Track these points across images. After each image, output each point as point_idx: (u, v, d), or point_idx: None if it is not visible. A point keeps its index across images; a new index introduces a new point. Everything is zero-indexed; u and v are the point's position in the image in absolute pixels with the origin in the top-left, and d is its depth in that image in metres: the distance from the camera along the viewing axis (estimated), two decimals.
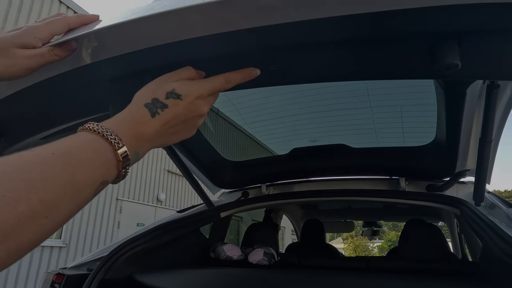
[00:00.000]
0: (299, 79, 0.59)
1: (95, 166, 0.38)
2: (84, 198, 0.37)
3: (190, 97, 0.49)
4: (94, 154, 0.38)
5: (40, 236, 0.33)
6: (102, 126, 0.41)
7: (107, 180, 0.40)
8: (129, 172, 0.45)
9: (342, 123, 1.60)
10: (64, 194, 0.34)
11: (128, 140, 0.42)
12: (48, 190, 0.33)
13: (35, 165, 0.33)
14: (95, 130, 0.40)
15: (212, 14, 0.43)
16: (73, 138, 0.39)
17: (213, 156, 1.70)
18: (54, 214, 0.33)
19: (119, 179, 0.43)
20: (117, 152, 0.40)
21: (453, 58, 0.43)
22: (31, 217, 0.31)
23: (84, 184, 0.37)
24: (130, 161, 0.43)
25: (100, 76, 0.59)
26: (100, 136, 0.40)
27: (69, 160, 0.36)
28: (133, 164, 0.45)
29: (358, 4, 0.39)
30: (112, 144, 0.40)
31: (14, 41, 0.50)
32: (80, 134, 0.40)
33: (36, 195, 0.32)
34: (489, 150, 1.06)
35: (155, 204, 8.99)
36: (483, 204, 1.29)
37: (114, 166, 0.41)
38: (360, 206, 2.95)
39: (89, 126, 0.41)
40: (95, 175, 0.38)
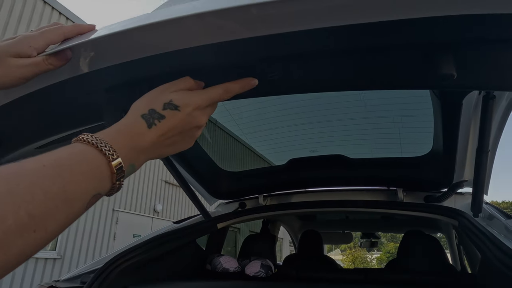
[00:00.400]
0: (296, 89, 0.59)
1: (87, 178, 0.37)
2: (75, 211, 0.36)
3: (188, 108, 0.48)
4: (87, 166, 0.37)
5: (28, 250, 0.32)
6: (97, 137, 0.40)
7: (100, 192, 0.39)
8: (126, 183, 0.44)
9: (340, 133, 1.61)
10: (54, 207, 0.33)
11: (123, 152, 0.41)
12: (37, 204, 0.32)
13: (24, 177, 0.32)
14: (89, 141, 0.39)
15: (210, 23, 0.43)
16: (66, 150, 0.38)
17: (210, 167, 1.69)
18: (43, 228, 0.32)
19: (113, 191, 0.42)
20: (111, 164, 0.39)
21: (449, 69, 0.43)
22: (18, 232, 0.30)
23: (75, 197, 0.36)
24: (124, 173, 0.42)
25: (96, 85, 0.59)
26: (94, 147, 0.39)
27: (60, 172, 0.35)
28: (128, 176, 0.44)
29: (353, 14, 0.39)
30: (106, 155, 0.39)
31: (8, 50, 0.50)
32: (74, 145, 0.40)
33: (24, 209, 0.30)
34: (486, 161, 1.06)
35: (151, 215, 8.92)
36: (481, 215, 1.28)
37: (108, 178, 0.40)
38: (358, 217, 2.94)
39: (83, 137, 0.40)
40: (87, 187, 0.37)
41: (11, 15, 6.01)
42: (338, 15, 0.39)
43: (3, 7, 5.92)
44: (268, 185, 1.81)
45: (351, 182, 1.72)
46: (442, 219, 1.49)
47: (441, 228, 2.55)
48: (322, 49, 0.47)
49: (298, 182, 1.77)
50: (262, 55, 0.50)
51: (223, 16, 0.41)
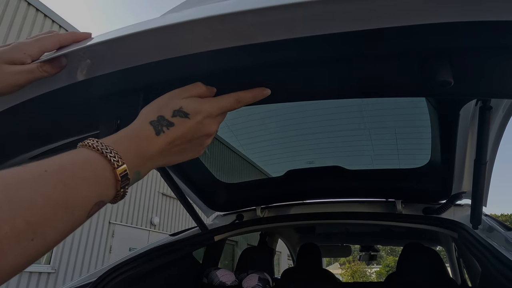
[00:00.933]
0: (298, 96, 0.59)
1: (90, 185, 0.36)
2: (76, 219, 0.35)
3: (198, 116, 0.47)
4: (90, 172, 0.36)
5: (24, 260, 0.30)
6: (102, 143, 0.39)
7: (104, 200, 0.38)
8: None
9: (337, 144, 1.60)
10: (54, 215, 0.32)
11: (129, 159, 0.40)
12: (36, 211, 0.30)
13: (24, 183, 0.31)
14: (94, 147, 0.38)
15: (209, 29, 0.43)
16: (70, 155, 0.37)
17: (207, 178, 1.68)
18: (42, 237, 0.31)
19: (117, 199, 0.40)
20: (116, 171, 0.38)
21: (446, 76, 0.43)
22: (14, 240, 0.29)
23: (76, 204, 0.34)
24: (130, 181, 0.40)
25: (91, 93, 0.58)
26: (99, 153, 0.38)
27: (62, 178, 0.34)
28: (133, 183, 0.43)
29: (350, 22, 0.39)
30: (111, 162, 0.38)
31: (3, 57, 0.49)
32: (78, 150, 0.38)
33: (21, 217, 0.29)
34: (484, 172, 1.06)
35: (148, 227, 8.82)
36: (480, 227, 1.27)
37: (112, 186, 0.38)
38: (357, 230, 2.91)
39: (88, 143, 0.39)
40: (90, 195, 0.36)
41: (11, 29, 6.06)
42: (337, 22, 0.39)
43: (3, 20, 5.97)
44: (266, 197, 1.80)
45: (349, 194, 1.71)
46: (442, 231, 1.47)
47: (440, 240, 2.53)
48: (324, 55, 0.47)
49: (296, 193, 1.76)
50: (272, 61, 0.50)
51: (221, 21, 0.41)
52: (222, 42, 0.44)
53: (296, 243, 3.06)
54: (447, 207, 1.45)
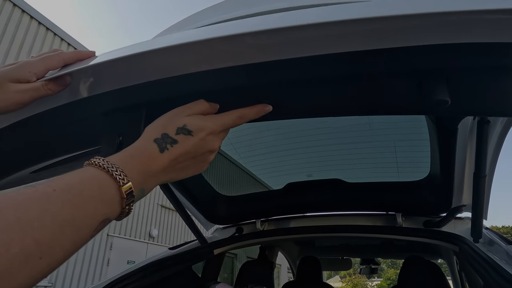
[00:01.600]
0: (298, 114, 0.60)
1: (97, 203, 0.37)
2: (82, 237, 0.35)
3: (202, 133, 0.48)
4: (97, 191, 0.37)
5: (32, 279, 0.30)
6: (108, 161, 0.40)
7: (109, 217, 0.39)
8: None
9: (337, 157, 1.61)
10: (61, 233, 0.32)
11: (134, 176, 0.41)
12: (45, 230, 0.31)
13: (33, 203, 0.32)
14: (100, 165, 0.39)
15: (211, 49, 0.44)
16: (77, 174, 0.38)
17: (207, 191, 1.68)
18: (50, 255, 0.31)
19: (122, 216, 0.41)
20: (121, 189, 0.39)
21: (443, 95, 0.44)
22: (24, 260, 0.29)
23: (83, 222, 0.35)
24: (134, 198, 0.41)
25: (93, 110, 0.59)
26: (105, 171, 0.39)
27: (70, 197, 0.34)
28: (138, 200, 0.44)
29: (349, 43, 0.40)
30: (117, 180, 0.39)
31: (9, 75, 0.50)
32: (85, 169, 0.39)
33: (31, 236, 0.30)
34: (484, 185, 1.06)
35: (147, 240, 8.73)
36: (481, 241, 1.26)
37: (117, 203, 0.39)
38: (357, 243, 2.89)
39: (94, 161, 0.40)
40: (96, 213, 0.36)
41: (12, 42, 6.14)
42: (336, 44, 0.40)
43: (6, 35, 6.06)
44: (266, 210, 1.79)
45: (349, 207, 1.71)
46: (443, 245, 1.46)
47: (441, 253, 2.51)
48: (323, 75, 0.48)
49: (296, 206, 1.76)
50: (274, 80, 0.51)
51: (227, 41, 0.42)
52: (224, 62, 0.45)
53: (296, 256, 3.03)
54: (448, 220, 1.44)
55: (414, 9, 0.35)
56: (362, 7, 0.39)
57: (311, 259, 2.16)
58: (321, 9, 0.41)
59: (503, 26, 0.35)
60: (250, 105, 0.53)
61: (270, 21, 0.41)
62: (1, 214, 0.29)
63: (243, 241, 1.79)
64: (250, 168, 1.83)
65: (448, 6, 0.34)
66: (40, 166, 0.77)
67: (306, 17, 0.39)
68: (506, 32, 0.36)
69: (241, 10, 0.74)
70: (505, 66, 0.42)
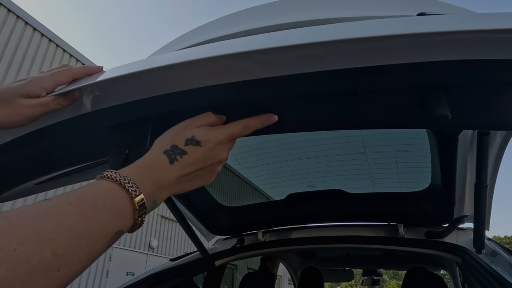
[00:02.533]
0: (302, 127, 0.61)
1: (110, 215, 0.38)
2: (98, 249, 0.36)
3: (210, 143, 0.49)
4: (110, 203, 0.38)
5: None
6: (120, 174, 0.41)
7: (123, 229, 0.39)
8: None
9: (338, 168, 1.61)
10: (77, 245, 0.33)
11: (145, 188, 0.42)
12: (62, 242, 0.32)
13: (50, 216, 0.33)
14: (112, 178, 0.40)
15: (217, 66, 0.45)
16: (91, 187, 0.39)
17: (208, 201, 1.68)
18: (67, 267, 0.32)
19: (134, 228, 0.42)
20: (134, 201, 0.40)
21: (443, 110, 0.45)
22: (42, 271, 0.30)
23: (98, 234, 0.36)
24: (146, 210, 0.42)
25: (100, 123, 0.60)
26: (117, 184, 0.40)
27: (85, 210, 0.35)
28: (150, 212, 0.45)
29: (353, 59, 0.41)
30: (129, 192, 0.40)
31: (19, 91, 0.52)
32: (98, 182, 0.40)
33: (49, 248, 0.31)
34: (485, 196, 1.06)
35: (146, 251, 8.66)
36: (484, 252, 1.26)
37: (130, 215, 0.40)
38: (359, 254, 2.87)
39: (107, 174, 0.41)
40: (110, 225, 0.37)
41: (24, 58, 6.28)
42: (341, 60, 0.42)
43: (18, 50, 6.21)
44: (267, 221, 1.79)
45: (350, 217, 1.71)
46: (445, 256, 1.46)
47: (444, 264, 2.49)
48: (329, 90, 0.49)
49: (297, 217, 1.75)
50: (277, 95, 0.52)
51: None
52: (230, 78, 0.46)
53: (297, 267, 3.01)
54: (450, 231, 1.44)
55: (416, 28, 0.36)
56: (365, 26, 0.40)
57: (312, 270, 2.15)
58: (326, 27, 0.42)
59: (501, 44, 0.37)
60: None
61: (277, 39, 0.43)
62: (20, 227, 0.30)
63: (244, 252, 1.78)
64: (252, 178, 1.84)
65: (449, 26, 0.36)
66: (46, 178, 0.78)
67: (311, 35, 0.40)
68: (503, 50, 0.37)
69: (246, 25, 0.75)
70: (504, 82, 0.43)
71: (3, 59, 6.15)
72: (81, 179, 0.94)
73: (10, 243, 0.28)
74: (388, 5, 0.74)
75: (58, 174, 0.81)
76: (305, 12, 0.74)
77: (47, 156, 0.70)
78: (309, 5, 0.81)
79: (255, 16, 0.79)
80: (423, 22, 0.39)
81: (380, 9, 0.73)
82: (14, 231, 0.29)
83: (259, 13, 0.81)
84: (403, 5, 0.74)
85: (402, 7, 0.73)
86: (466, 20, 0.38)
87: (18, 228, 0.30)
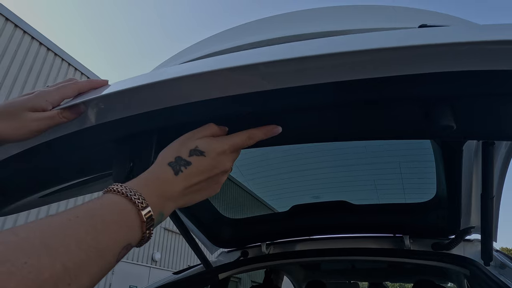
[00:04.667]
0: (307, 139, 0.61)
1: (118, 228, 0.38)
2: (107, 263, 0.36)
3: (213, 153, 0.49)
4: (117, 216, 0.38)
5: None
6: (126, 187, 0.41)
7: (131, 243, 0.39)
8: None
9: (342, 179, 1.60)
10: (87, 259, 0.33)
11: (152, 200, 0.42)
12: (72, 256, 0.32)
13: (58, 229, 0.33)
14: (119, 191, 0.40)
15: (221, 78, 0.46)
16: (98, 200, 0.39)
17: (212, 214, 1.67)
18: (78, 281, 0.32)
19: (143, 241, 0.42)
20: (141, 213, 0.40)
21: (448, 121, 0.45)
22: (53, 285, 0.29)
23: (107, 247, 0.36)
24: (154, 222, 0.42)
25: (105, 136, 0.61)
26: (124, 196, 0.40)
27: (93, 223, 0.35)
28: (158, 225, 0.45)
29: (358, 71, 0.42)
30: (136, 204, 0.40)
31: (26, 104, 0.52)
32: (105, 196, 0.41)
33: (59, 262, 0.30)
34: (492, 207, 1.05)
35: (149, 264, 8.58)
36: (492, 264, 1.24)
37: (138, 228, 0.40)
38: (364, 266, 2.82)
39: (113, 188, 0.41)
40: (118, 237, 0.37)
41: (30, 72, 6.40)
42: (346, 72, 0.42)
43: (24, 65, 6.34)
44: (271, 233, 1.77)
45: (355, 229, 1.69)
46: (452, 268, 1.43)
47: (452, 277, 2.44)
48: (334, 102, 0.49)
49: (302, 229, 1.74)
50: (281, 106, 0.52)
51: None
52: (234, 90, 0.47)
53: (302, 280, 2.96)
54: (457, 242, 1.42)
55: (422, 40, 0.37)
56: (369, 38, 0.41)
57: (317, 283, 2.12)
58: (330, 40, 0.42)
59: (504, 55, 0.37)
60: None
61: (282, 51, 0.43)
62: (29, 241, 0.30)
63: (248, 265, 1.76)
64: (255, 190, 1.83)
65: (453, 38, 0.36)
66: (51, 190, 0.78)
67: (315, 48, 0.41)
68: (507, 60, 0.37)
69: (250, 37, 0.76)
70: (509, 92, 0.43)
71: (9, 73, 6.25)
72: (85, 192, 0.94)
73: (20, 257, 0.28)
74: (390, 18, 0.75)
75: (62, 187, 0.81)
76: (309, 25, 0.75)
77: (52, 169, 0.71)
78: (313, 18, 0.82)
79: (259, 29, 0.80)
80: (426, 33, 0.39)
81: (382, 21, 0.73)
82: (23, 245, 0.29)
83: (262, 26, 0.82)
84: (404, 18, 0.75)
85: (404, 19, 0.73)
86: (470, 31, 0.38)
87: (26, 241, 0.30)
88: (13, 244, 0.29)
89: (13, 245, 0.29)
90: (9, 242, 0.29)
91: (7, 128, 0.51)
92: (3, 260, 0.27)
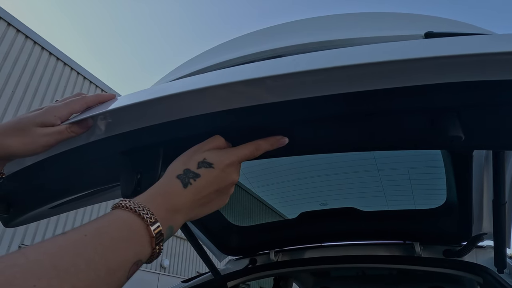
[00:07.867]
0: (314, 150, 0.61)
1: (128, 244, 0.37)
2: (118, 280, 0.35)
3: (222, 165, 0.49)
4: (126, 232, 0.38)
5: None
6: (134, 202, 0.41)
7: (141, 259, 0.39)
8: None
9: (351, 186, 1.59)
10: (97, 278, 0.33)
11: (161, 214, 0.42)
12: (81, 276, 0.31)
13: (67, 250, 0.33)
14: (127, 207, 0.40)
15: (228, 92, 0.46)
16: (106, 217, 0.39)
17: (219, 221, 1.67)
18: None
19: (153, 257, 0.41)
20: (150, 228, 0.40)
21: (456, 131, 0.45)
22: None
23: (117, 265, 0.35)
24: (164, 237, 0.42)
25: (112, 149, 0.61)
26: (132, 212, 0.40)
27: (101, 241, 0.35)
28: (168, 239, 0.44)
29: (365, 82, 0.42)
30: (144, 219, 0.40)
31: (35, 120, 0.53)
32: (113, 212, 0.40)
33: (68, 283, 0.30)
34: (504, 213, 1.03)
35: (158, 271, 8.59)
36: (506, 271, 1.21)
37: (147, 243, 0.39)
38: (375, 273, 2.78)
39: (121, 203, 0.41)
40: (128, 254, 0.37)
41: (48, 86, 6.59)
42: (354, 83, 0.42)
43: (43, 78, 6.53)
44: (280, 240, 1.76)
45: (364, 236, 1.67)
46: (465, 276, 1.40)
47: (464, 285, 2.39)
48: (342, 113, 0.49)
49: (310, 236, 1.72)
50: (287, 118, 0.52)
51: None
52: (241, 103, 0.47)
53: (311, 287, 2.93)
54: (469, 249, 1.39)
55: (427, 52, 0.37)
56: (375, 50, 0.41)
57: None
58: (334, 52, 0.43)
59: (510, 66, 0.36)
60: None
61: (286, 64, 0.43)
62: (38, 263, 0.30)
63: (257, 272, 1.75)
64: (263, 197, 1.82)
65: (460, 50, 0.36)
66: (60, 202, 0.79)
67: (320, 60, 0.41)
68: None
69: (253, 48, 0.77)
70: None
71: (21, 82, 6.38)
72: (94, 202, 0.95)
73: (29, 279, 0.28)
74: (395, 25, 0.75)
75: (71, 198, 0.82)
76: (313, 33, 0.75)
77: (61, 182, 0.71)
78: (317, 26, 0.82)
79: (262, 39, 0.81)
80: (433, 45, 0.39)
81: (387, 28, 0.73)
82: (33, 267, 0.29)
83: (266, 36, 0.83)
84: (409, 24, 0.74)
85: (409, 26, 0.73)
86: (478, 42, 0.38)
87: (36, 264, 0.30)
88: (22, 267, 0.29)
89: (22, 267, 0.29)
90: (19, 265, 0.29)
91: (17, 143, 0.52)
92: (13, 284, 0.27)
